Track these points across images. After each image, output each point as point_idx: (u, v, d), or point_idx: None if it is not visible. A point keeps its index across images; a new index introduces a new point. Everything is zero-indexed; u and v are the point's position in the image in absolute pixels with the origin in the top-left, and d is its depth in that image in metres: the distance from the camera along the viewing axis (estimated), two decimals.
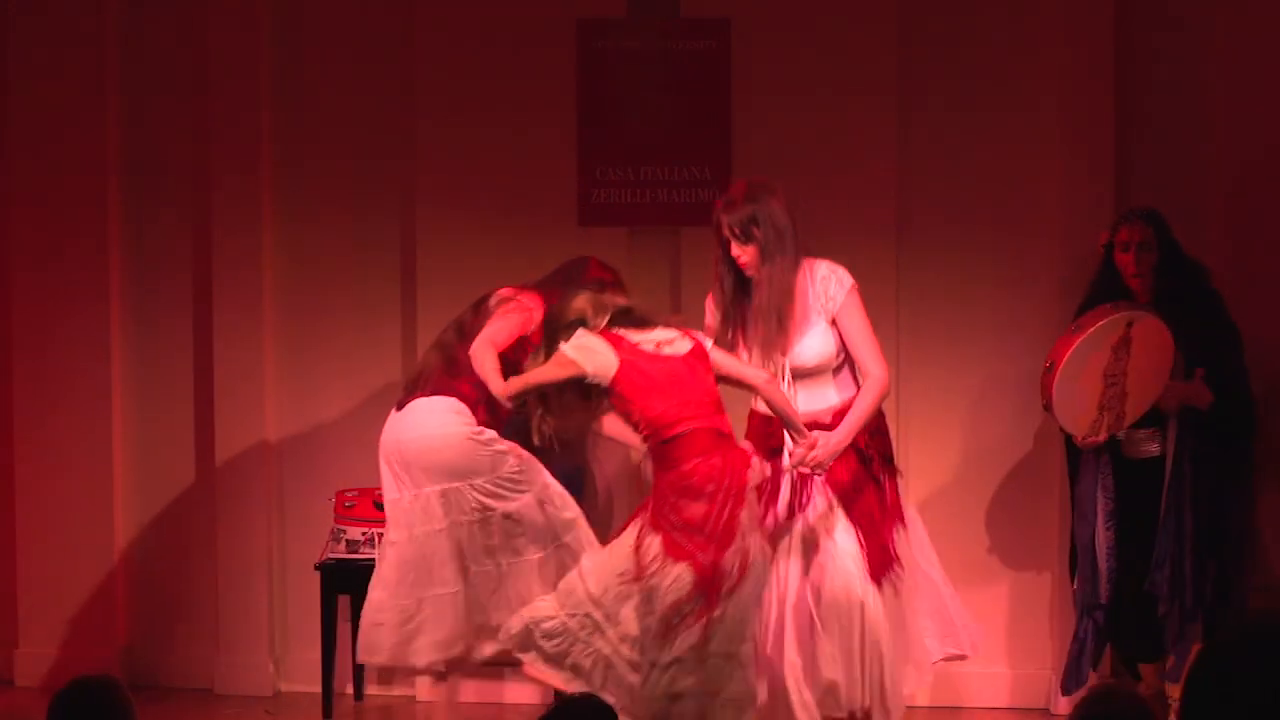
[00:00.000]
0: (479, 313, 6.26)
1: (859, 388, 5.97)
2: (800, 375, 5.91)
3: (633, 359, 5.65)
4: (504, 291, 6.28)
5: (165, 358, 7.59)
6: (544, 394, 5.76)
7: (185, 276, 7.57)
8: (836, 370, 5.97)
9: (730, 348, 5.90)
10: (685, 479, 5.56)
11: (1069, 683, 6.64)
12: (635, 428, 5.72)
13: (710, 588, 5.49)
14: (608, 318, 5.74)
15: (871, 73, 7.19)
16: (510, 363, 6.01)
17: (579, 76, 7.31)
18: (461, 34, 7.34)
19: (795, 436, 5.78)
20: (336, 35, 7.49)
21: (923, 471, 7.25)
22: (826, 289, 5.92)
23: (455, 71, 7.34)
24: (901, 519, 6.00)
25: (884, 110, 7.19)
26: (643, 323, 5.78)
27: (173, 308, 7.59)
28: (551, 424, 5.81)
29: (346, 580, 6.93)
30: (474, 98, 7.34)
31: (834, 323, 5.93)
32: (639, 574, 5.55)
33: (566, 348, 5.67)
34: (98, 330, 7.55)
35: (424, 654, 6.19)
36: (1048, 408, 6.47)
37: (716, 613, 5.50)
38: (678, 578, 5.51)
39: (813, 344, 5.90)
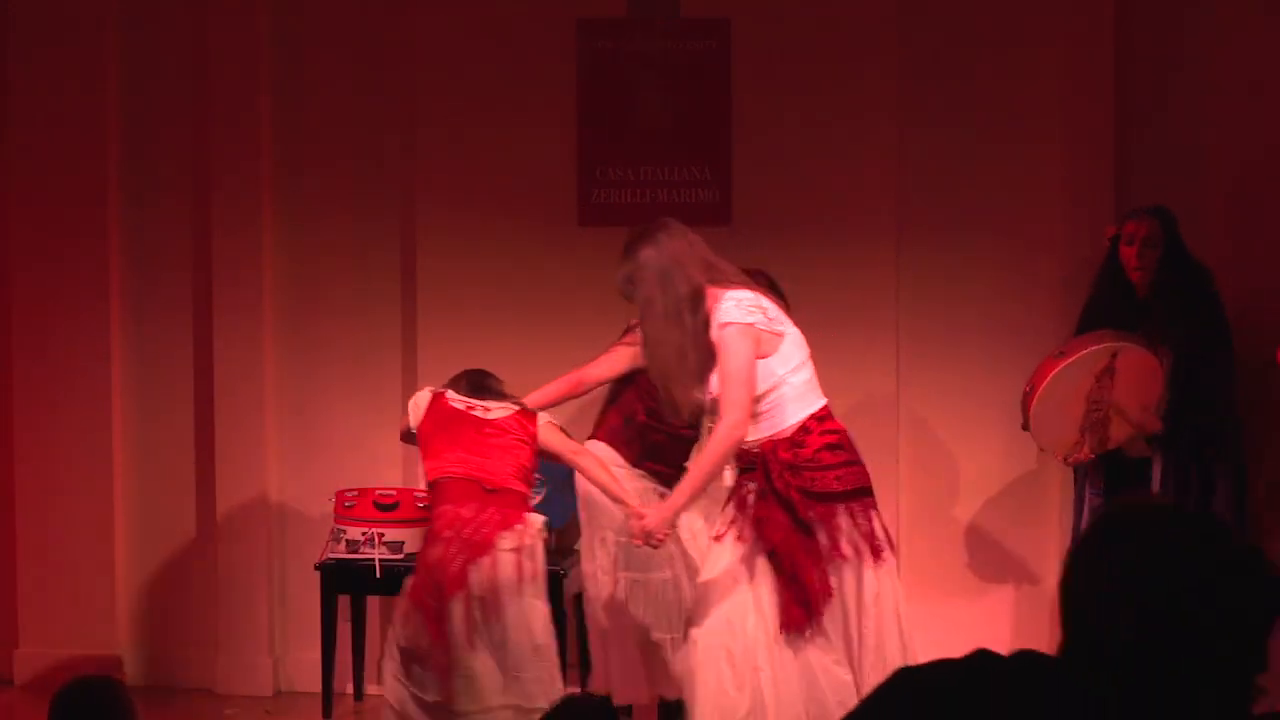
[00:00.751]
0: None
1: (818, 401, 5.65)
2: (714, 409, 5.46)
3: (435, 413, 5.92)
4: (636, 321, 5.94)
5: (165, 358, 7.59)
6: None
7: (185, 276, 7.57)
8: (759, 399, 5.44)
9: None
10: (431, 522, 5.84)
11: None
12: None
13: (438, 637, 5.69)
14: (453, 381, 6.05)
15: (871, 73, 7.19)
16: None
17: (579, 76, 7.31)
18: (461, 34, 7.34)
19: (623, 507, 5.75)
20: (336, 35, 7.49)
21: (922, 474, 7.26)
22: (716, 320, 5.43)
23: (455, 71, 7.34)
24: (841, 556, 5.49)
25: (884, 111, 7.19)
26: (483, 391, 5.99)
27: (173, 308, 7.58)
28: None
29: (346, 580, 6.92)
30: (474, 98, 7.34)
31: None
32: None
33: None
34: (98, 331, 7.55)
35: None
36: (1026, 427, 6.49)
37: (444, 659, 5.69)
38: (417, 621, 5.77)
39: (715, 378, 5.46)
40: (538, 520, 5.84)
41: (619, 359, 6.22)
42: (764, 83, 7.24)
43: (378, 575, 6.74)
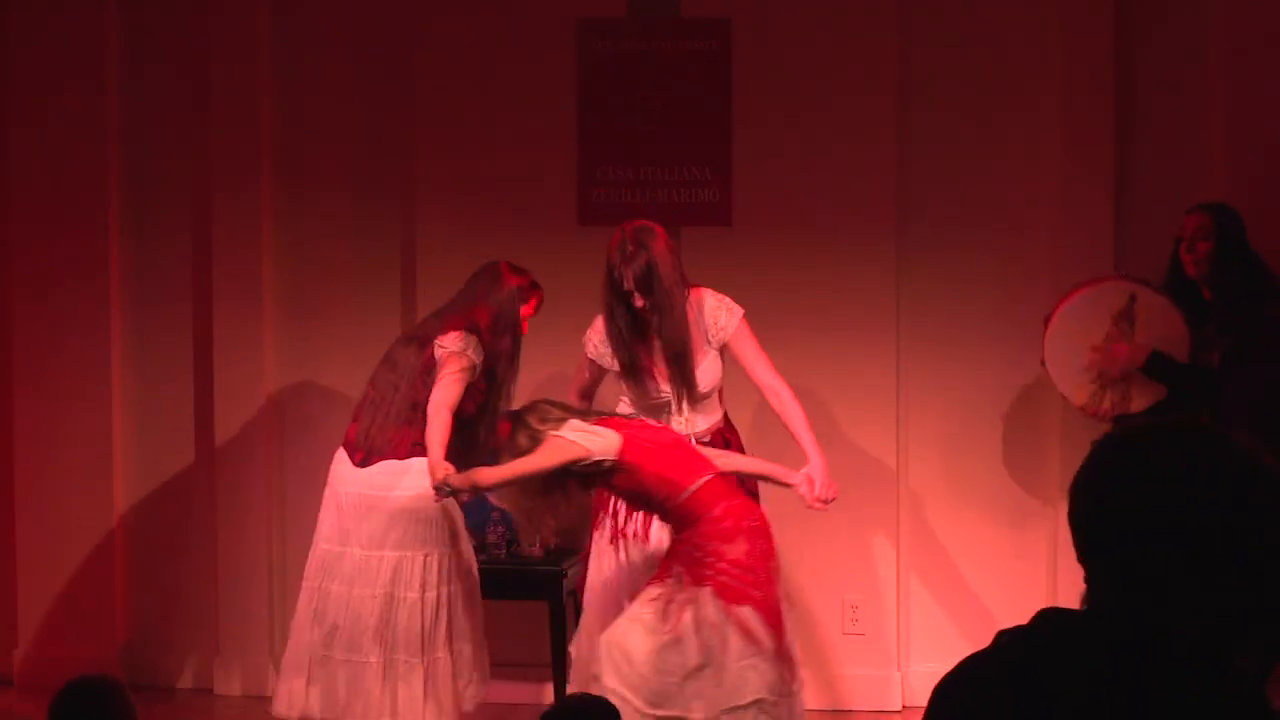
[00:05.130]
0: (422, 356, 6.22)
1: (723, 408, 6.16)
2: (696, 400, 6.05)
3: (632, 431, 5.67)
4: (445, 340, 6.16)
5: (165, 359, 7.59)
6: (539, 489, 5.69)
7: (185, 277, 7.57)
8: (710, 394, 6.10)
9: (640, 380, 6.02)
10: (718, 523, 5.51)
11: None
12: (644, 497, 5.65)
13: (776, 621, 5.47)
14: (555, 420, 5.70)
15: (871, 73, 7.19)
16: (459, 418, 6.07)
17: (579, 76, 7.31)
18: (461, 34, 7.34)
19: (786, 482, 5.89)
20: (336, 35, 7.49)
21: (921, 470, 7.26)
22: (717, 320, 6.06)
23: (455, 71, 7.34)
24: None
25: (884, 110, 7.19)
26: (588, 414, 5.81)
27: (173, 309, 7.58)
28: (552, 523, 5.86)
29: None
30: (474, 97, 7.34)
31: (722, 350, 6.06)
32: (680, 633, 5.43)
33: (563, 432, 5.62)
34: (98, 331, 7.55)
35: None
36: (1044, 364, 6.50)
37: (786, 644, 5.49)
38: (742, 620, 5.45)
39: (707, 373, 6.03)
40: None
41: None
42: (764, 83, 7.24)
43: None
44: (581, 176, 7.31)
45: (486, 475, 5.68)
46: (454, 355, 6.14)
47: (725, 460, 5.86)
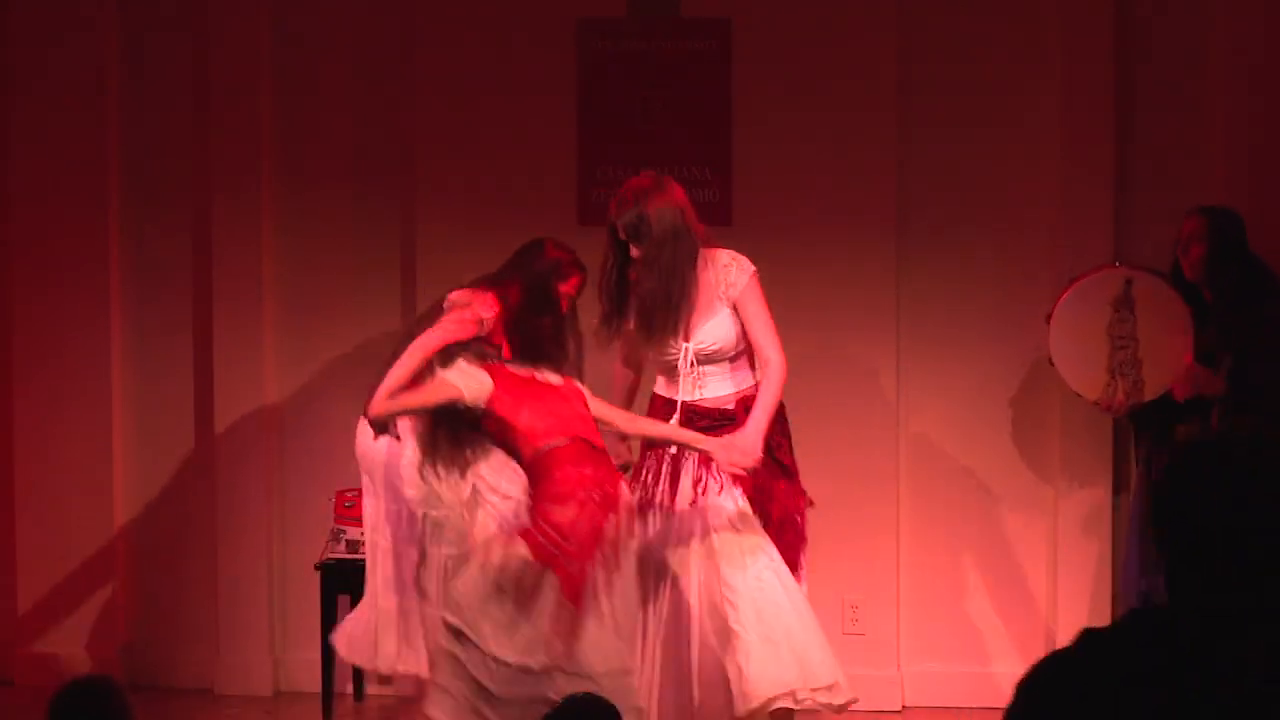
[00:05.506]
0: (435, 314, 6.24)
1: (755, 373, 5.93)
2: (703, 361, 5.87)
3: (508, 382, 5.65)
4: (456, 295, 6.19)
5: (165, 358, 7.59)
6: (443, 429, 5.73)
7: (185, 276, 7.57)
8: (735, 358, 5.90)
9: (615, 336, 5.96)
10: (555, 485, 5.53)
11: None
12: (511, 448, 5.67)
13: (575, 595, 5.44)
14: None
15: (872, 72, 7.19)
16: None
17: (579, 76, 7.31)
18: (461, 34, 7.34)
19: (702, 450, 5.79)
20: (336, 35, 7.49)
21: (921, 470, 7.26)
22: (727, 276, 5.87)
23: (455, 71, 7.34)
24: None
25: (884, 110, 7.19)
26: (490, 358, 5.79)
27: (173, 308, 7.59)
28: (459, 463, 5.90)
29: (346, 580, 6.92)
30: (474, 97, 7.34)
31: (735, 310, 5.88)
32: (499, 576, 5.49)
33: (445, 372, 5.66)
34: (98, 331, 7.55)
35: None
36: (1051, 362, 6.50)
37: (585, 622, 5.45)
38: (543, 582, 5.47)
39: (714, 330, 5.85)
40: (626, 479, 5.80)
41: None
42: (764, 83, 7.24)
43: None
44: (581, 176, 7.32)
45: (374, 406, 5.72)
46: (456, 306, 6.13)
47: (633, 425, 5.86)
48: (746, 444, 5.70)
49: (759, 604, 5.67)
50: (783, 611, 5.68)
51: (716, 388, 5.88)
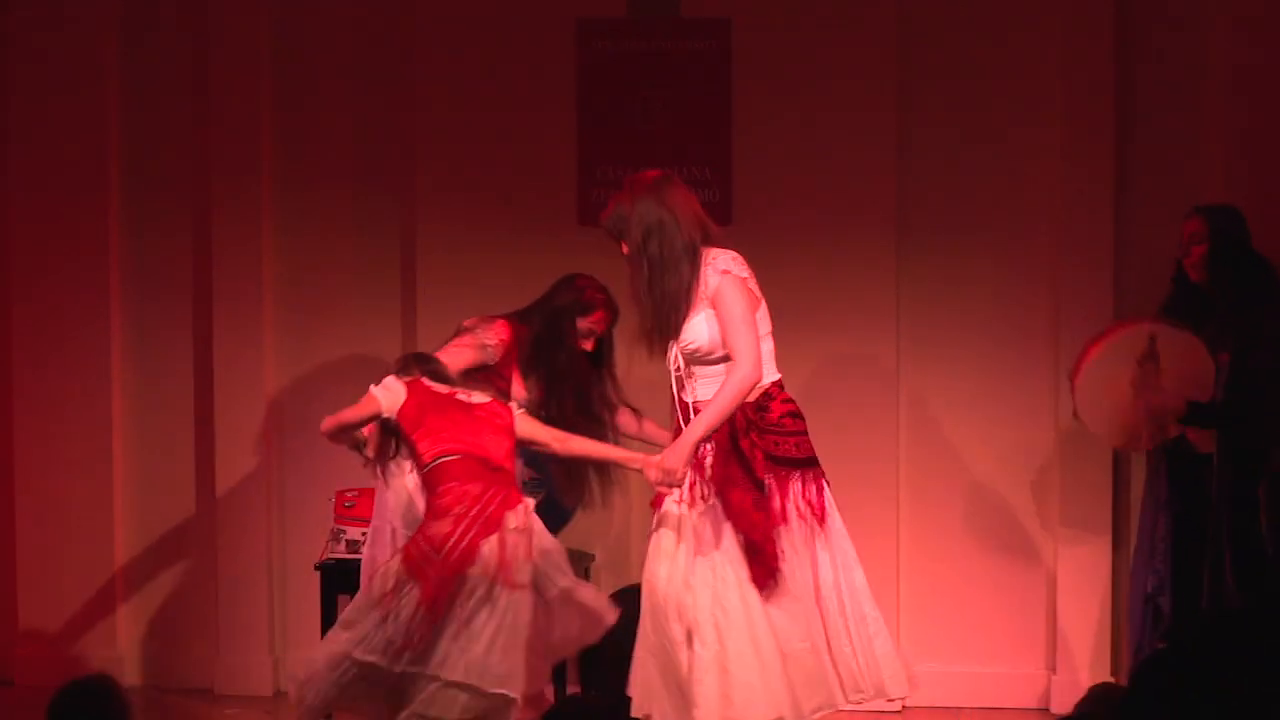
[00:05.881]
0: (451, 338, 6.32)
1: (776, 372, 5.78)
2: (692, 362, 5.72)
3: (419, 396, 5.78)
4: (469, 321, 6.29)
5: (165, 359, 7.60)
6: (387, 441, 5.88)
7: (185, 276, 7.57)
8: (727, 359, 5.67)
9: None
10: (438, 499, 5.67)
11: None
12: (414, 460, 5.82)
13: (429, 610, 5.54)
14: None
15: (871, 72, 7.19)
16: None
17: (579, 76, 7.31)
18: (461, 33, 7.34)
19: (633, 469, 5.83)
20: (336, 36, 7.49)
21: (921, 471, 7.26)
22: (708, 275, 5.71)
23: (455, 71, 7.34)
24: (786, 522, 5.66)
25: (884, 110, 7.19)
26: (446, 379, 5.91)
27: (173, 308, 7.59)
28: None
29: (346, 580, 6.91)
30: (474, 97, 7.34)
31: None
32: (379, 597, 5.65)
33: (374, 387, 5.82)
34: (98, 331, 7.55)
35: None
36: (1076, 417, 6.51)
37: (446, 634, 5.56)
38: (406, 589, 5.61)
39: (692, 330, 5.69)
40: (531, 503, 5.82)
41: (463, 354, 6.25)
42: (764, 83, 7.24)
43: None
44: (581, 176, 7.31)
45: (324, 423, 5.90)
46: (466, 332, 6.23)
47: (565, 445, 5.90)
48: (667, 462, 5.65)
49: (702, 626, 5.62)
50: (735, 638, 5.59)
51: (706, 390, 5.72)
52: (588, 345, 6.35)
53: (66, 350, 7.55)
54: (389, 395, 5.78)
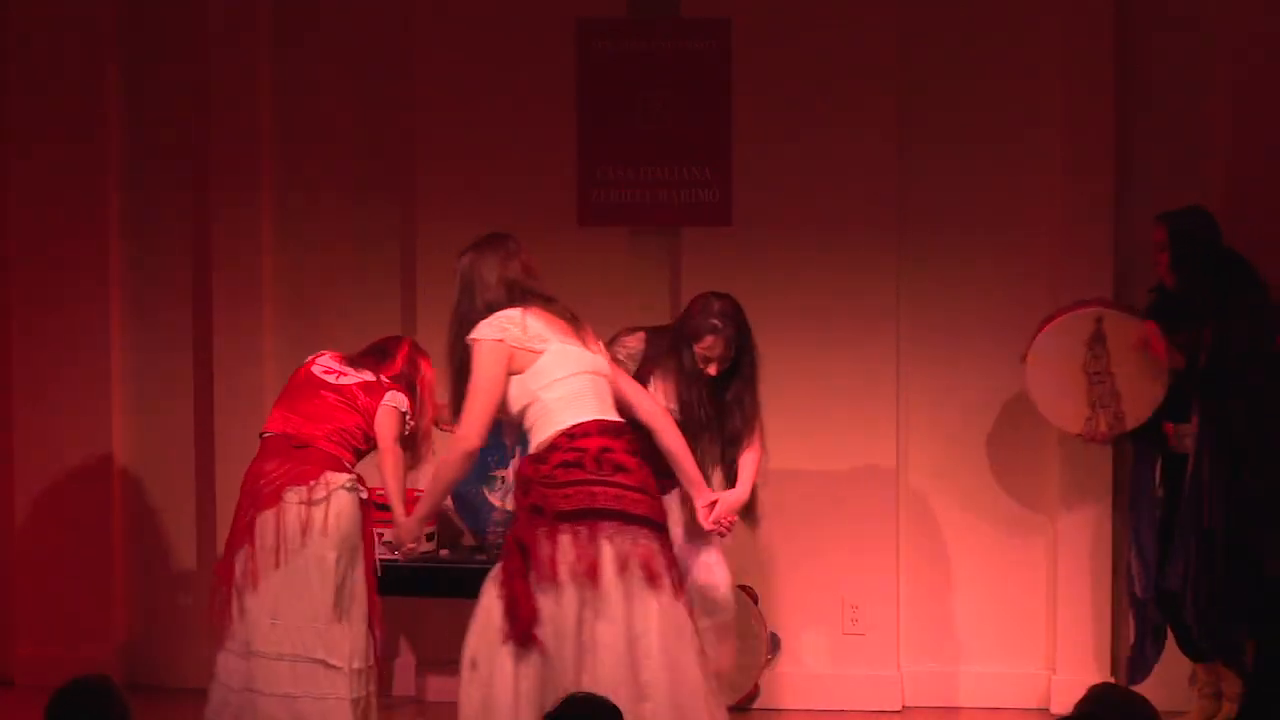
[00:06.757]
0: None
1: (575, 418, 5.37)
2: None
3: (293, 378, 6.20)
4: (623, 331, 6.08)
5: (165, 357, 7.60)
6: None
7: (185, 276, 7.57)
8: (521, 416, 5.40)
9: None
10: (245, 475, 6.09)
11: (1133, 674, 6.61)
12: None
13: (218, 578, 6.03)
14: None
15: (872, 73, 7.19)
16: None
17: (579, 76, 7.31)
18: (461, 34, 7.34)
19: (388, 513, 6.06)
20: (336, 35, 7.50)
21: (921, 473, 7.26)
22: None
23: (455, 71, 7.34)
24: (554, 579, 5.23)
25: (884, 111, 7.19)
26: (365, 362, 6.22)
27: (173, 306, 7.59)
28: None
29: None
30: (474, 97, 7.34)
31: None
32: None
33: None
34: (98, 332, 7.55)
35: None
36: (1030, 398, 6.55)
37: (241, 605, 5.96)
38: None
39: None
40: (340, 477, 5.96)
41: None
42: (764, 83, 7.24)
43: (378, 574, 6.72)
44: (581, 176, 7.32)
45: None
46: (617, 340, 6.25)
47: (384, 464, 6.10)
48: (399, 529, 5.82)
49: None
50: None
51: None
52: (710, 370, 5.88)
53: (66, 353, 7.55)
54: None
